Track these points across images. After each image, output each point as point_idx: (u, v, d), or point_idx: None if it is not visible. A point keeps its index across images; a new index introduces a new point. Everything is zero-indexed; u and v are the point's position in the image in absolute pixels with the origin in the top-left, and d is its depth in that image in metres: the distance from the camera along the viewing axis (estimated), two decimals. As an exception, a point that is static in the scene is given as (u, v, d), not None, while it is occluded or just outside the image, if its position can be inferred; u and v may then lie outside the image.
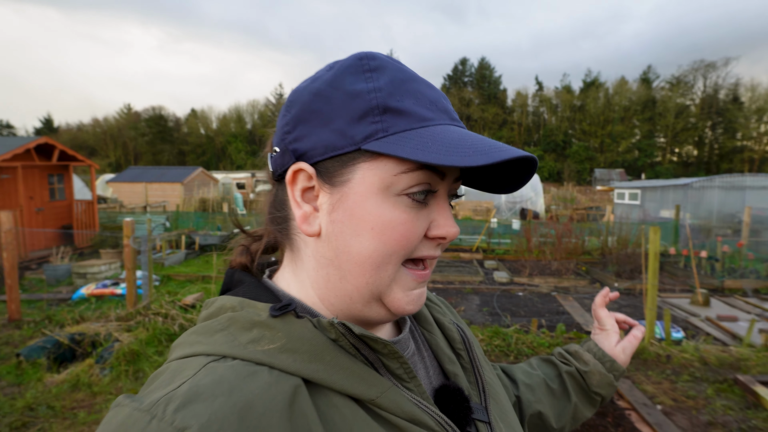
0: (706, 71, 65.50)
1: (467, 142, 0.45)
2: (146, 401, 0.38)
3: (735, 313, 6.57)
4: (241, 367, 0.42)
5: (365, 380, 0.46)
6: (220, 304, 0.50)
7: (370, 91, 0.47)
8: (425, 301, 0.68)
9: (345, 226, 0.48)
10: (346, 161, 0.47)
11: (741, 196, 11.88)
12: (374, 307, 0.50)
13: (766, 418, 3.33)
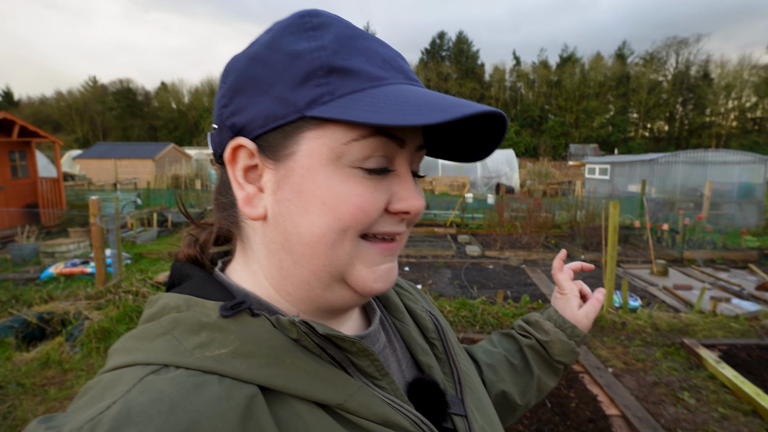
0: (678, 47, 66.54)
1: (425, 99, 0.40)
2: (65, 429, 0.32)
3: (691, 282, 6.95)
4: (185, 378, 0.36)
5: (332, 383, 0.42)
6: (163, 303, 0.44)
7: (312, 50, 0.42)
8: (395, 287, 0.64)
9: (292, 205, 0.43)
10: (289, 132, 0.42)
11: (703, 171, 12.34)
12: (337, 290, 0.46)
13: (705, 377, 3.61)
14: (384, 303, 0.61)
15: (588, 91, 66.10)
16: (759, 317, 4.96)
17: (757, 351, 3.90)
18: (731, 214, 11.95)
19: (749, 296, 6.18)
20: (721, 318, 4.84)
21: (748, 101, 61.12)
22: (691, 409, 3.20)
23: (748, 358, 3.78)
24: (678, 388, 3.46)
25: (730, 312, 5.29)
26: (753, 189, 12.12)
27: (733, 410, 3.17)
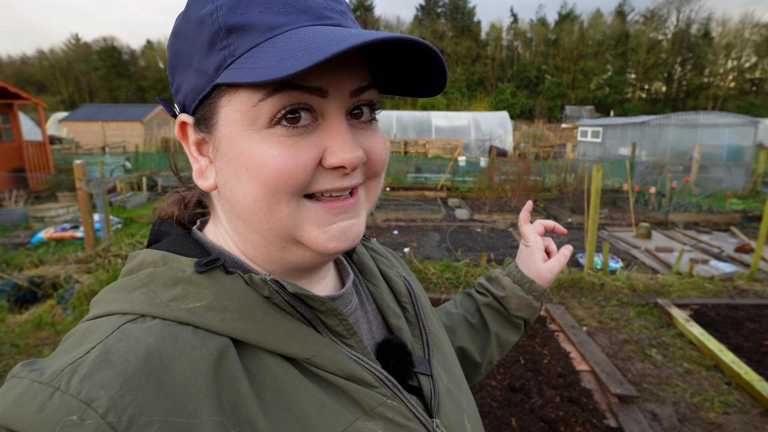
0: (680, 4, 64.75)
1: (315, 41, 0.37)
2: (48, 371, 0.34)
3: (673, 244, 7.10)
4: (161, 327, 0.38)
5: (300, 339, 0.44)
6: (141, 258, 0.46)
7: (212, 12, 0.41)
8: (371, 252, 0.65)
9: (227, 174, 0.43)
10: (210, 102, 0.43)
11: (694, 134, 12.34)
12: (294, 250, 0.46)
13: (674, 335, 3.78)
14: (359, 267, 0.62)
15: (586, 50, 64.74)
16: (733, 278, 5.13)
17: (725, 310, 4.07)
18: (719, 177, 12.05)
19: (728, 258, 6.35)
20: (696, 279, 5.00)
21: (747, 61, 60.22)
22: (657, 365, 3.37)
23: (716, 317, 3.95)
24: (647, 345, 3.63)
25: (706, 273, 5.46)
26: (742, 152, 12.17)
27: (697, 365, 3.34)
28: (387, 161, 0.48)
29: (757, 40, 58.91)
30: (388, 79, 0.49)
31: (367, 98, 0.45)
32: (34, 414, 0.31)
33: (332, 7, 0.44)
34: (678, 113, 12.49)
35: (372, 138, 0.46)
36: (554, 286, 4.86)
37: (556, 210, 9.29)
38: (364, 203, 0.48)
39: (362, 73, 0.44)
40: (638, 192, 10.23)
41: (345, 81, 0.42)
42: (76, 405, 0.31)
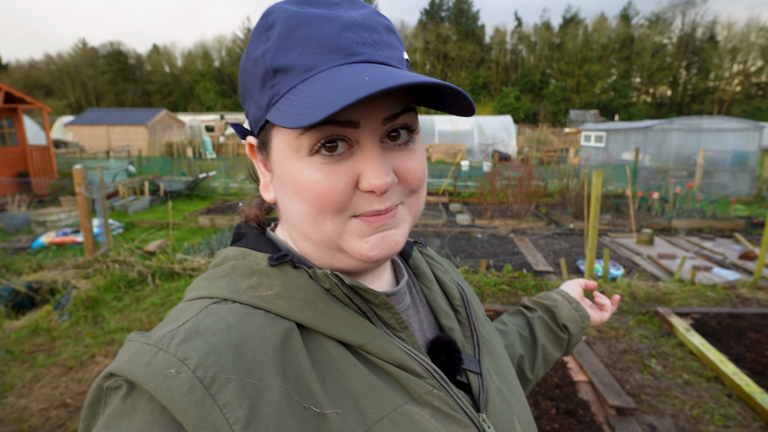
0: (685, 8, 64.53)
1: (335, 89, 0.41)
2: (154, 336, 0.42)
3: (675, 251, 7.03)
4: (239, 309, 0.46)
5: (355, 327, 0.49)
6: (225, 254, 0.55)
7: (264, 53, 0.47)
8: (426, 258, 0.71)
9: (280, 192, 0.51)
10: (266, 131, 0.50)
11: (698, 139, 12.24)
12: (341, 257, 0.51)
13: (674, 345, 3.73)
14: (415, 272, 0.67)
15: (591, 54, 64.62)
16: (736, 286, 5.06)
17: (727, 319, 4.01)
18: (723, 183, 11.94)
19: (731, 265, 6.27)
20: (698, 287, 4.94)
21: (753, 65, 59.86)
22: (656, 375, 3.32)
23: (717, 326, 3.89)
24: (646, 355, 3.58)
25: (709, 281, 5.39)
26: (747, 157, 12.06)
27: (697, 376, 3.29)
28: (424, 179, 0.52)
29: (763, 43, 58.58)
30: (425, 95, 0.52)
31: (401, 122, 0.49)
32: (143, 367, 0.39)
33: (365, 40, 0.47)
34: (682, 118, 12.40)
35: (408, 159, 0.50)
36: (554, 293, 4.81)
37: (559, 216, 9.24)
38: (405, 216, 0.52)
39: (396, 99, 0.48)
40: (641, 197, 10.16)
41: (377, 111, 0.46)
42: (174, 361, 0.39)
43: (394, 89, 0.43)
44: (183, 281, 4.92)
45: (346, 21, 0.46)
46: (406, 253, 0.68)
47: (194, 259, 5.28)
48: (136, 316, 4.15)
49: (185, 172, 12.75)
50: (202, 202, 10.93)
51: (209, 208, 10.19)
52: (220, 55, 77.06)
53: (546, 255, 6.72)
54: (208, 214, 8.97)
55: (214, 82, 72.85)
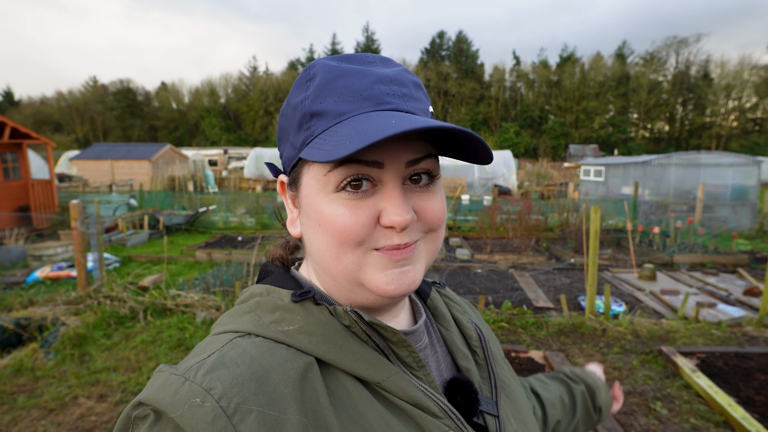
0: (678, 47, 66.36)
1: (363, 130, 0.45)
2: (182, 368, 0.44)
3: (678, 287, 6.90)
4: (262, 342, 0.48)
5: (373, 365, 0.50)
6: (250, 291, 0.57)
7: (303, 100, 0.52)
8: (444, 299, 0.72)
9: (306, 226, 0.54)
10: (298, 169, 0.54)
11: (697, 173, 12.29)
12: (360, 292, 0.53)
13: (680, 387, 3.58)
14: (433, 312, 0.67)
15: (588, 91, 65.99)
16: (742, 323, 4.93)
17: (734, 359, 3.87)
18: (724, 217, 11.89)
19: (736, 301, 6.14)
20: (703, 324, 4.81)
21: (748, 101, 60.93)
22: (662, 420, 3.17)
23: (724, 367, 3.75)
24: (651, 398, 3.43)
25: (713, 318, 5.26)
26: (746, 191, 12.06)
27: (705, 421, 3.14)
28: (443, 219, 0.55)
29: (756, 81, 59.84)
30: (448, 145, 0.56)
31: (423, 167, 0.52)
32: (171, 396, 0.41)
33: (394, 92, 0.51)
34: (680, 153, 12.49)
35: (428, 200, 0.53)
36: (554, 331, 4.68)
37: (559, 250, 9.15)
38: (423, 254, 0.54)
39: (419, 145, 0.51)
40: (642, 232, 10.09)
41: (401, 154, 0.49)
42: (200, 391, 0.41)
43: (417, 131, 0.47)
44: (175, 318, 4.83)
45: (378, 75, 0.51)
46: (424, 293, 0.69)
47: (188, 294, 5.19)
48: (125, 355, 4.04)
49: (185, 206, 12.80)
50: (201, 236, 10.90)
51: (208, 242, 10.15)
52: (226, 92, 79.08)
53: (546, 290, 6.60)
54: (206, 249, 8.92)
55: (220, 117, 74.42)
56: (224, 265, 7.43)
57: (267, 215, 12.77)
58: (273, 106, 71.05)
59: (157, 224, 11.09)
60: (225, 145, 65.79)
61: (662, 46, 67.63)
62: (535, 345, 4.42)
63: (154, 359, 3.96)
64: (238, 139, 70.93)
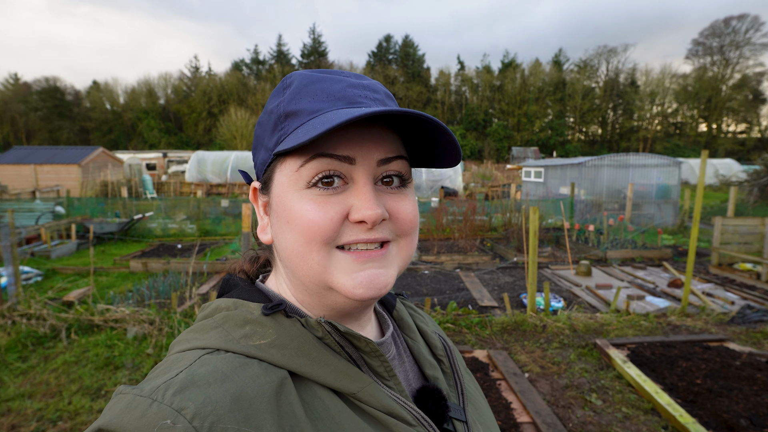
0: (608, 56, 70.90)
1: (333, 118, 0.45)
2: (146, 388, 0.41)
3: (611, 281, 7.32)
4: (233, 358, 0.46)
5: (348, 375, 0.49)
6: (215, 305, 0.55)
7: (278, 104, 0.53)
8: (409, 310, 0.72)
9: (275, 227, 0.54)
10: (270, 170, 0.54)
11: (626, 174, 13.13)
12: (329, 295, 0.52)
13: (613, 377, 3.76)
14: (398, 323, 0.67)
15: (528, 96, 68.96)
16: (667, 314, 5.28)
17: (660, 348, 4.13)
18: (651, 214, 12.78)
19: (661, 293, 6.58)
20: (633, 316, 5.10)
21: (669, 107, 66.22)
22: (597, 411, 3.31)
23: (652, 356, 3.99)
24: (587, 390, 3.58)
25: (642, 309, 5.60)
26: (669, 190, 13.03)
27: (635, 409, 3.31)
28: (416, 222, 0.54)
29: (676, 88, 65.17)
30: (421, 154, 0.57)
31: (394, 168, 0.52)
32: (137, 419, 0.38)
33: (367, 95, 0.53)
34: (611, 155, 13.30)
35: (399, 201, 0.52)
36: (498, 330, 4.79)
37: (503, 249, 9.44)
38: (395, 258, 0.53)
39: (391, 146, 0.52)
40: (579, 230, 10.63)
41: (372, 151, 0.50)
42: (170, 412, 0.39)
43: (384, 114, 0.46)
44: (103, 334, 4.48)
45: (352, 82, 0.53)
46: (390, 304, 0.69)
47: (118, 308, 4.84)
48: (43, 378, 3.69)
49: (119, 213, 12.02)
50: (136, 245, 10.27)
51: (144, 251, 9.58)
52: (165, 92, 75.37)
53: (491, 290, 6.77)
54: (141, 258, 8.41)
55: (159, 119, 70.77)
56: (161, 275, 7.03)
57: (209, 221, 12.26)
58: (216, 107, 68.54)
59: (87, 233, 10.33)
60: (165, 148, 62.67)
61: (594, 54, 72.02)
62: (479, 344, 4.50)
63: (77, 381, 3.64)
64: (180, 142, 67.83)
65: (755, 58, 61.98)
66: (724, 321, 5.05)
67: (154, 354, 4.12)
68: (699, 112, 64.91)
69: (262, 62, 76.64)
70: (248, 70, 76.41)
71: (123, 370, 3.87)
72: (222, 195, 21.78)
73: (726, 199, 17.28)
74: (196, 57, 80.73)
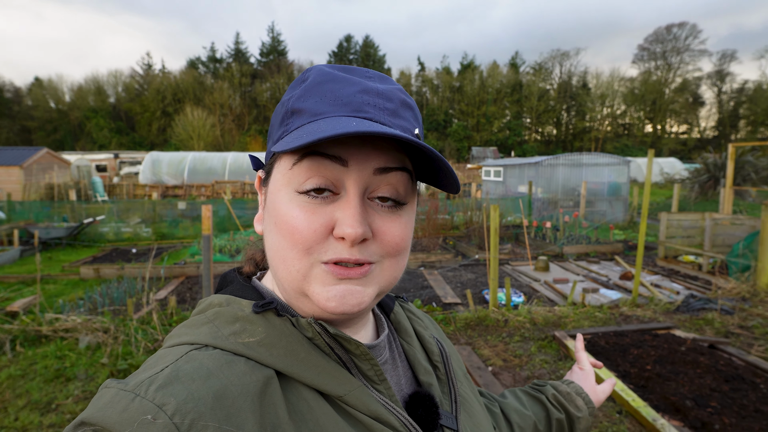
0: (561, 59, 73.73)
1: (329, 126, 0.45)
2: (131, 383, 0.41)
3: (568, 275, 7.62)
4: (220, 355, 0.46)
5: (335, 378, 0.49)
6: (209, 301, 0.55)
7: (290, 98, 0.52)
8: (407, 313, 0.71)
9: (266, 222, 0.53)
10: (271, 164, 0.54)
11: (580, 173, 13.72)
12: (305, 302, 0.51)
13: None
14: (395, 326, 0.66)
15: (487, 97, 70.63)
16: (619, 305, 5.56)
17: (613, 338, 4.34)
18: (603, 211, 13.41)
19: (614, 285, 6.92)
20: (588, 308, 5.34)
21: (618, 109, 69.62)
22: (557, 400, 3.44)
23: (606, 345, 4.19)
24: (547, 380, 3.72)
25: (597, 301, 5.87)
26: (619, 188, 13.71)
27: (592, 396, 3.47)
28: (404, 246, 0.52)
29: (624, 91, 68.63)
30: (425, 172, 0.54)
31: (393, 180, 0.50)
32: (119, 413, 0.38)
33: (376, 104, 0.50)
34: (566, 154, 13.86)
35: (389, 222, 0.50)
36: (461, 326, 4.90)
37: (465, 247, 9.63)
38: (376, 278, 0.51)
39: (393, 156, 0.50)
40: (536, 227, 11.00)
41: (371, 157, 0.48)
42: (151, 407, 0.39)
43: (372, 135, 0.43)
44: (53, 345, 4.24)
45: (366, 87, 0.51)
46: (387, 307, 0.68)
47: (69, 317, 4.60)
48: (-14, 394, 3.45)
49: (67, 217, 11.39)
50: (87, 251, 9.78)
51: (95, 256, 9.13)
52: (115, 90, 71.94)
53: (454, 287, 6.90)
54: (93, 264, 8.02)
55: (109, 118, 67.46)
56: (115, 281, 6.72)
57: (166, 224, 11.82)
58: (171, 106, 66.07)
59: (32, 239, 9.73)
60: (116, 148, 59.82)
61: (549, 57, 74.71)
62: (444, 340, 4.58)
63: (24, 396, 3.43)
64: (132, 142, 64.95)
65: (694, 63, 66.32)
66: (670, 310, 5.37)
67: (109, 363, 3.94)
68: (645, 114, 68.66)
69: (219, 60, 74.63)
70: (205, 68, 74.22)
71: (75, 381, 3.68)
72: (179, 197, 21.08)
73: (670, 196, 18.38)
74: (149, 54, 77.68)
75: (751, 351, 4.15)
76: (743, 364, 3.77)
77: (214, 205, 11.66)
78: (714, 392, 3.25)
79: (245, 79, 70.85)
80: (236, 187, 21.44)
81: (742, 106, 62.19)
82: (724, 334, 4.59)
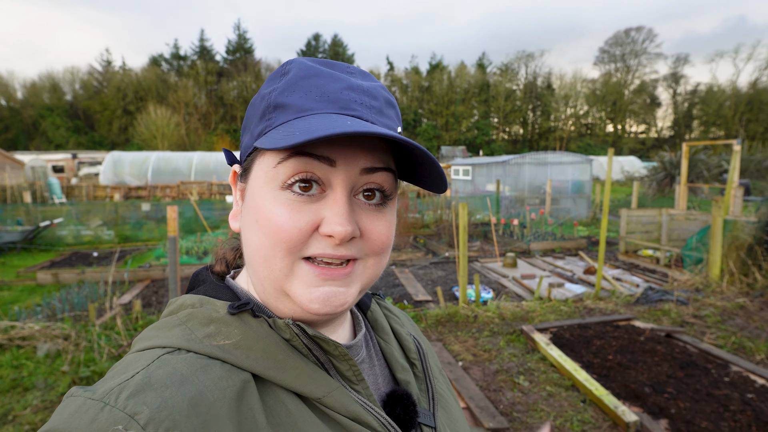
0: (527, 60, 75.52)
1: (317, 127, 0.43)
2: (99, 390, 0.39)
3: (535, 271, 7.83)
4: (194, 359, 0.44)
5: (314, 380, 0.48)
6: (181, 302, 0.52)
7: (271, 91, 0.51)
8: (384, 310, 0.70)
9: (245, 219, 0.52)
10: (251, 159, 0.52)
11: (545, 171, 14.10)
12: (285, 301, 0.50)
13: (538, 360, 4.05)
14: (372, 324, 0.65)
15: (455, 97, 71.55)
16: (583, 298, 5.77)
17: (578, 330, 4.50)
18: (567, 208, 13.83)
19: (578, 280, 7.17)
20: (554, 303, 5.51)
21: (581, 109, 71.93)
22: (525, 392, 3.55)
23: (571, 338, 4.34)
24: (516, 373, 3.83)
25: (562, 296, 6.07)
26: (582, 185, 14.18)
27: (558, 387, 3.59)
28: (387, 244, 0.52)
29: (586, 92, 70.96)
30: (409, 171, 0.54)
31: (378, 180, 0.50)
32: (87, 424, 0.36)
33: (363, 102, 0.50)
34: (531, 153, 14.21)
35: (375, 220, 0.50)
36: (432, 322, 4.97)
37: (435, 245, 9.75)
38: (359, 277, 0.51)
39: (379, 156, 0.49)
40: (504, 224, 11.25)
41: (358, 158, 0.48)
42: (122, 417, 0.37)
43: (369, 135, 0.43)
44: (8, 354, 4.05)
45: (351, 83, 0.50)
46: (364, 305, 0.67)
47: (25, 325, 4.39)
48: (-65, 408, 3.26)
49: (22, 220, 10.85)
50: (44, 255, 9.35)
51: (53, 261, 8.75)
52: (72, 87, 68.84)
53: (425, 284, 6.98)
54: (51, 269, 7.68)
55: (66, 117, 64.53)
56: (76, 286, 6.46)
57: (129, 226, 11.44)
58: (133, 105, 63.76)
59: (-17, 244, 9.23)
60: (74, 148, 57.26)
61: (514, 58, 76.36)
62: (415, 337, 4.63)
63: (-22, 408, 3.26)
64: (91, 142, 62.34)
65: (651, 66, 69.33)
66: (630, 302, 5.61)
67: (70, 371, 3.80)
68: (606, 114, 71.21)
69: (183, 58, 72.55)
70: (168, 65, 71.98)
71: (34, 391, 3.53)
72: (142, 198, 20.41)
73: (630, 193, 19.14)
74: (108, 50, 74.66)
75: (703, 339, 4.39)
76: (697, 351, 3.99)
77: (180, 206, 11.36)
78: (670, 379, 3.43)
79: (211, 78, 69.16)
80: (203, 188, 20.94)
81: (695, 107, 65.50)
82: (680, 324, 4.83)
